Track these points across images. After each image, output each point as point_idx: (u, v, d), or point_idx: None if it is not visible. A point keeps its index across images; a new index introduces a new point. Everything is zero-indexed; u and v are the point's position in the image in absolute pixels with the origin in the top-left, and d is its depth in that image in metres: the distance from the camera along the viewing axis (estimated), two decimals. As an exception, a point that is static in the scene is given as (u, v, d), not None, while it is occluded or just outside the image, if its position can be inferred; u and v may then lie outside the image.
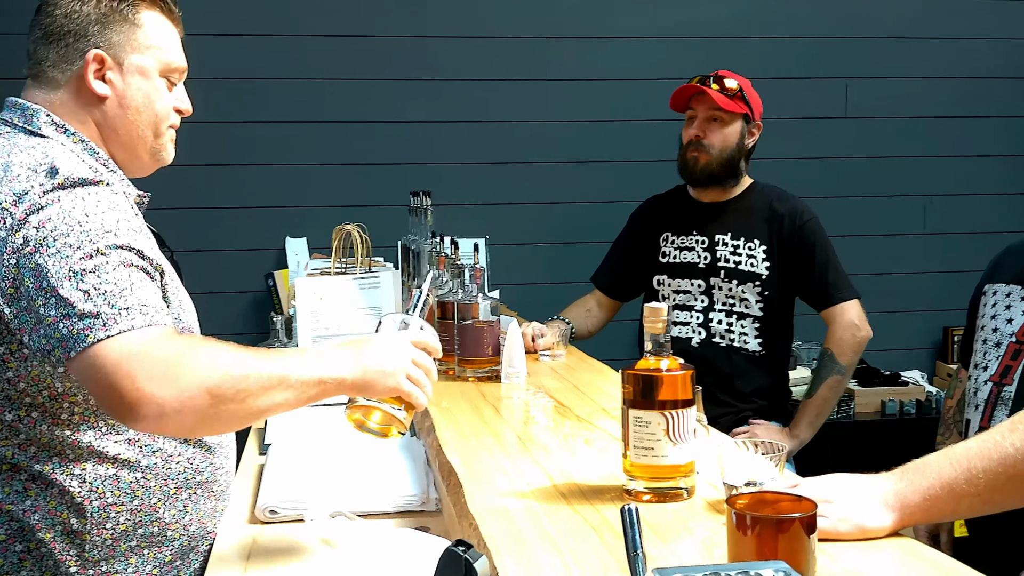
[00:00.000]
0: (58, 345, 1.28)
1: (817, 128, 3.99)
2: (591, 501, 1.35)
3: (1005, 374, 2.08)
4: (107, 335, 1.27)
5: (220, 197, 3.59)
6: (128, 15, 1.52)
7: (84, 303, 1.28)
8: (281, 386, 1.35)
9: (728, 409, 2.76)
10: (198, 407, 1.28)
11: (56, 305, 1.29)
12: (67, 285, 1.29)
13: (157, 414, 1.26)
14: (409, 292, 2.98)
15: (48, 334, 1.29)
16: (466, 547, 1.04)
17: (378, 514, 1.73)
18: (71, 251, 1.31)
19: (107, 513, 1.45)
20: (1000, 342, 2.13)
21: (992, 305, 2.19)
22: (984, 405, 2.11)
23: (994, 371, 2.11)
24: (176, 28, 1.60)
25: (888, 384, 3.86)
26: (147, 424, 1.28)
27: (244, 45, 3.65)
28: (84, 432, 1.44)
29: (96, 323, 1.27)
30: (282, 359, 1.39)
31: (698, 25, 3.89)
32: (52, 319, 1.29)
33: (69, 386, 1.42)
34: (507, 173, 3.83)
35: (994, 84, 4.07)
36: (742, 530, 0.98)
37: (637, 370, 1.34)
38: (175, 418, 1.27)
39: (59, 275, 1.30)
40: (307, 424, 2.33)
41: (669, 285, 2.85)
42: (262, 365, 1.35)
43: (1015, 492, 1.16)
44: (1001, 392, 2.08)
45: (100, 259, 1.32)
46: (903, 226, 4.08)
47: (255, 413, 1.35)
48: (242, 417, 1.35)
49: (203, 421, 1.31)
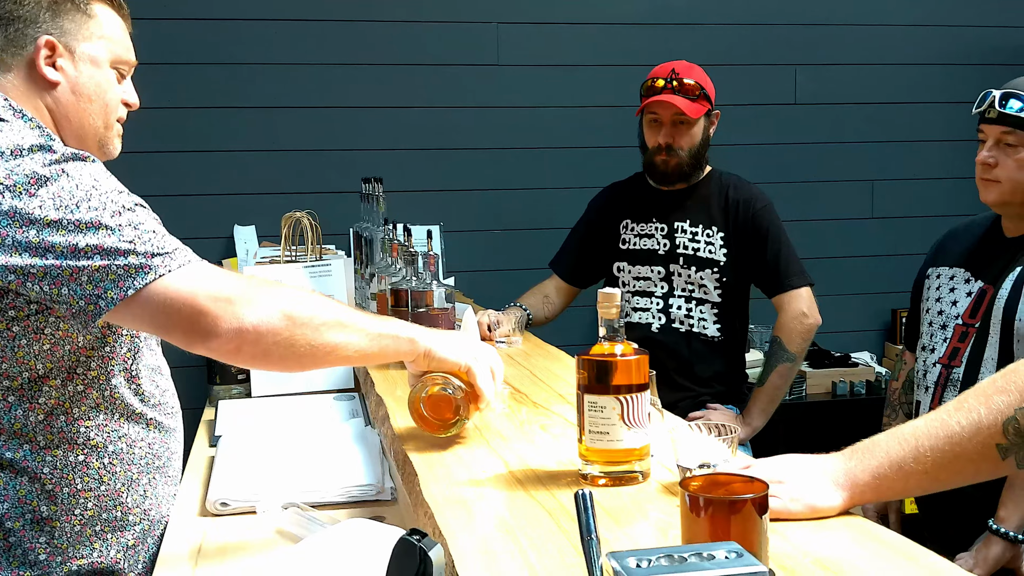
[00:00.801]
0: (112, 287, 1.30)
1: (767, 115, 4.02)
2: (547, 487, 1.35)
3: (953, 356, 2.12)
4: (175, 266, 1.33)
5: (165, 185, 3.52)
6: (80, 5, 1.54)
7: (133, 246, 1.32)
8: (353, 326, 1.43)
9: (687, 393, 2.79)
10: (275, 327, 1.34)
11: (102, 254, 1.31)
12: (109, 237, 1.32)
13: (236, 331, 1.32)
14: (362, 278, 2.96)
15: (95, 280, 1.31)
16: (420, 536, 1.03)
17: (332, 504, 1.72)
18: (98, 212, 1.33)
19: (76, 499, 1.46)
20: (946, 324, 2.16)
21: (936, 288, 2.23)
22: (934, 387, 2.15)
23: (942, 353, 2.15)
24: (125, 23, 1.62)
25: (839, 366, 3.92)
26: (223, 343, 1.32)
27: (188, 29, 3.59)
28: (58, 417, 1.45)
29: (155, 260, 1.32)
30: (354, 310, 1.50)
31: (651, 12, 3.90)
32: (98, 266, 1.31)
33: (51, 367, 1.42)
34: (461, 159, 3.82)
35: (938, 71, 4.14)
36: (695, 512, 0.99)
37: (592, 356, 1.34)
38: (252, 337, 1.33)
39: (97, 230, 1.32)
40: (258, 416, 2.31)
41: (629, 272, 2.87)
42: (334, 304, 1.45)
43: (961, 470, 1.18)
44: (950, 374, 2.11)
45: (128, 215, 1.35)
46: (852, 211, 4.13)
47: (327, 348, 1.40)
48: (315, 347, 1.39)
49: (277, 344, 1.35)
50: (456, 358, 1.54)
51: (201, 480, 1.89)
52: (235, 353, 1.37)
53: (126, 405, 1.51)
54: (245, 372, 2.54)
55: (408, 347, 1.51)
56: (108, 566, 1.49)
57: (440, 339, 1.55)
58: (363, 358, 1.50)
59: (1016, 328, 1.99)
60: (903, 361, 2.46)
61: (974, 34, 4.15)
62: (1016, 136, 2.04)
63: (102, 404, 1.48)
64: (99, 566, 1.49)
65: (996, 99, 2.06)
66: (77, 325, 1.42)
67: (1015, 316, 1.99)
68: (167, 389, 1.62)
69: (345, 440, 1.99)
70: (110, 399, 1.49)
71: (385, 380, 2.10)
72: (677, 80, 2.70)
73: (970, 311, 2.10)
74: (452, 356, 1.54)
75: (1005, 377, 1.18)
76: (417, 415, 1.56)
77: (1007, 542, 1.95)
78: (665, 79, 2.71)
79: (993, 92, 2.07)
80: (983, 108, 2.09)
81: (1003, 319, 2.01)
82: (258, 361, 1.41)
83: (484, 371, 1.56)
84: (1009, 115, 2.03)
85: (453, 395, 1.54)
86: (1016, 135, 2.04)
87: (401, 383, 2.06)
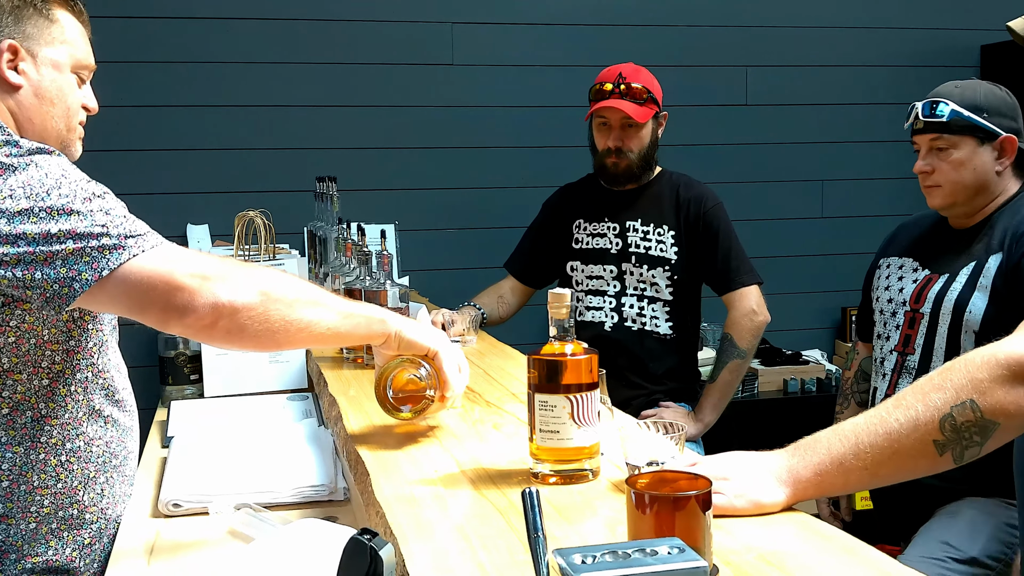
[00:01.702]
0: (86, 268, 1.31)
1: (719, 115, 4.07)
2: (498, 485, 1.37)
3: (907, 343, 2.19)
4: (148, 246, 1.35)
5: (117, 184, 3.38)
6: (42, 10, 1.55)
7: (106, 229, 1.33)
8: (325, 305, 1.46)
9: (640, 391, 2.82)
10: (250, 303, 1.37)
11: (75, 238, 1.32)
12: (81, 222, 1.33)
13: (212, 306, 1.34)
14: (316, 278, 2.96)
15: (69, 263, 1.31)
16: (371, 535, 1.04)
17: (285, 505, 1.72)
18: (68, 199, 1.34)
19: (33, 497, 1.46)
20: (896, 311, 2.24)
21: (886, 277, 2.31)
22: (890, 374, 2.22)
23: (897, 341, 2.21)
24: (85, 28, 1.63)
25: (790, 363, 3.98)
26: (199, 318, 1.34)
27: (140, 28, 3.56)
28: (23, 413, 1.45)
29: (128, 241, 1.34)
30: (326, 291, 1.53)
31: (603, 12, 3.93)
32: (72, 249, 1.31)
33: (16, 362, 1.42)
34: (415, 158, 3.82)
35: (885, 72, 4.21)
36: (641, 509, 1.01)
37: (542, 355, 1.36)
38: (228, 311, 1.35)
39: (69, 216, 1.33)
40: (211, 416, 2.30)
41: (582, 271, 2.89)
42: (307, 284, 1.49)
43: (900, 466, 1.21)
44: (905, 361, 2.18)
45: (99, 200, 1.37)
46: (802, 210, 4.19)
47: (300, 325, 1.42)
48: (289, 323, 1.41)
49: (252, 320, 1.37)
50: (425, 341, 1.56)
51: (153, 481, 1.88)
52: (210, 328, 1.37)
53: (90, 401, 1.52)
54: (197, 372, 2.53)
55: (379, 328, 1.54)
56: (63, 564, 1.49)
57: (410, 323, 1.58)
58: (335, 337, 1.52)
59: (965, 320, 2.06)
60: (856, 351, 2.52)
61: (920, 36, 4.23)
62: (945, 140, 2.13)
63: (68, 399, 1.48)
64: (54, 564, 1.48)
65: (920, 110, 2.16)
66: (49, 312, 1.42)
67: (966, 309, 2.06)
68: (126, 387, 1.63)
69: (298, 440, 1.99)
70: (75, 394, 1.49)
71: (338, 380, 2.10)
72: (624, 84, 2.73)
73: (915, 297, 2.18)
74: (421, 339, 1.56)
75: (942, 375, 1.22)
76: (381, 393, 1.57)
77: None
78: (613, 83, 2.74)
79: (917, 104, 2.17)
80: (911, 121, 2.17)
81: (954, 309, 2.08)
82: (233, 337, 1.41)
83: (451, 360, 1.57)
84: (935, 122, 2.13)
85: (421, 379, 1.56)
86: (944, 139, 2.13)
87: (355, 383, 2.07)
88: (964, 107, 2.11)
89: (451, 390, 1.57)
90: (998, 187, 2.16)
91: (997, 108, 2.13)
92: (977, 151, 2.12)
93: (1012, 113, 2.15)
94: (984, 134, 2.11)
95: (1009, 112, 2.15)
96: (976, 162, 2.12)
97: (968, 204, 2.16)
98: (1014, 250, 2.05)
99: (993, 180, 2.14)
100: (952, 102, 2.12)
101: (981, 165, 2.12)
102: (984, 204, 2.17)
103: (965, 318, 2.06)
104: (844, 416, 2.52)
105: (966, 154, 2.12)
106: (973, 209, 2.17)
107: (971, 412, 1.18)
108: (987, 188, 2.15)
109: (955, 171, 2.12)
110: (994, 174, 2.14)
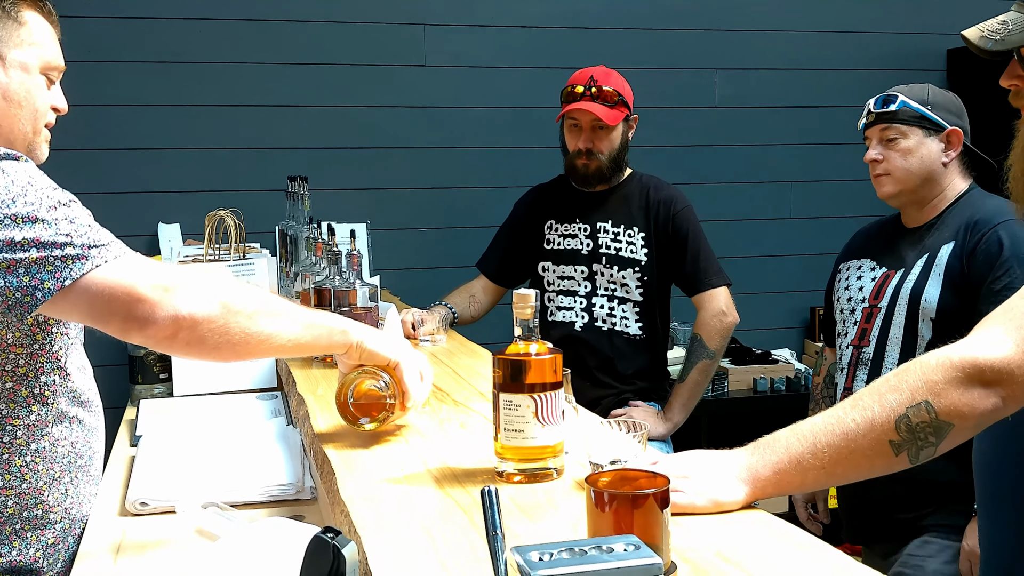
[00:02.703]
0: (49, 277, 1.31)
1: (688, 117, 4.10)
2: (463, 484, 1.38)
3: (862, 337, 2.24)
4: (111, 257, 1.35)
5: (89, 183, 3.41)
6: (11, 12, 1.54)
7: (69, 238, 1.33)
8: (287, 316, 1.47)
9: (610, 391, 2.84)
10: (211, 315, 1.37)
11: (39, 247, 1.32)
12: (45, 231, 1.33)
13: (173, 318, 1.34)
14: (287, 277, 2.96)
15: (32, 271, 1.31)
16: (335, 533, 1.05)
17: (252, 504, 1.73)
18: (34, 207, 1.34)
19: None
20: (855, 309, 2.29)
21: (846, 279, 2.36)
22: (847, 368, 2.26)
23: (853, 336, 2.26)
24: (54, 29, 1.62)
25: (759, 362, 4.01)
26: (160, 329, 1.34)
27: (110, 28, 3.54)
28: None
29: (92, 251, 1.34)
30: (288, 301, 1.55)
31: (575, 16, 3.95)
32: (36, 258, 1.32)
33: None
34: (388, 158, 3.83)
35: (852, 75, 4.25)
36: (600, 507, 1.02)
37: (507, 355, 1.37)
38: (188, 323, 1.35)
39: (33, 224, 1.32)
40: (180, 415, 2.30)
41: (553, 271, 2.91)
42: (269, 295, 1.51)
43: (857, 465, 1.23)
44: (860, 354, 2.23)
45: (64, 209, 1.37)
46: (771, 211, 4.23)
47: (261, 337, 1.43)
48: (249, 335, 1.41)
49: (212, 332, 1.37)
50: (386, 352, 1.56)
51: (122, 480, 1.88)
52: (171, 340, 1.38)
53: (55, 403, 1.52)
54: (167, 371, 2.53)
55: (341, 338, 1.54)
56: (27, 564, 1.49)
57: (372, 333, 1.58)
58: (296, 348, 1.52)
59: (921, 308, 2.13)
60: (824, 357, 2.56)
61: (887, 40, 4.28)
62: (894, 129, 2.22)
63: (32, 401, 1.48)
64: (18, 565, 1.48)
65: (872, 105, 2.26)
66: (11, 319, 1.42)
67: (921, 298, 2.12)
68: (92, 387, 1.63)
69: (266, 439, 1.99)
70: (40, 396, 1.49)
71: (307, 379, 2.10)
72: (596, 87, 2.75)
73: (874, 293, 2.24)
74: (382, 350, 1.56)
75: (898, 376, 1.24)
76: (342, 405, 1.58)
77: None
78: (584, 86, 2.76)
79: (870, 102, 2.28)
80: (864, 119, 2.25)
81: (910, 300, 2.15)
82: (193, 348, 1.41)
83: (412, 370, 1.58)
84: (885, 112, 2.22)
85: (381, 389, 1.56)
86: (894, 128, 2.22)
87: (323, 382, 2.07)
88: (913, 100, 2.21)
89: (411, 400, 1.58)
90: (945, 180, 2.22)
91: (944, 105, 2.23)
92: (924, 141, 2.20)
93: (958, 111, 2.24)
94: (931, 125, 2.20)
95: (955, 110, 2.24)
96: (923, 151, 2.19)
97: (915, 194, 2.23)
98: (968, 239, 2.11)
99: (940, 171, 2.21)
100: (902, 95, 2.22)
101: (928, 155, 2.20)
102: (932, 197, 2.23)
103: (921, 307, 2.13)
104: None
105: (914, 143, 2.20)
106: (921, 200, 2.24)
107: (926, 413, 1.20)
108: (934, 179, 2.21)
109: (903, 159, 2.20)
110: (940, 165, 2.21)
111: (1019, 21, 1.36)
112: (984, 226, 2.10)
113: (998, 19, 1.39)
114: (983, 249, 2.08)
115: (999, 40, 1.37)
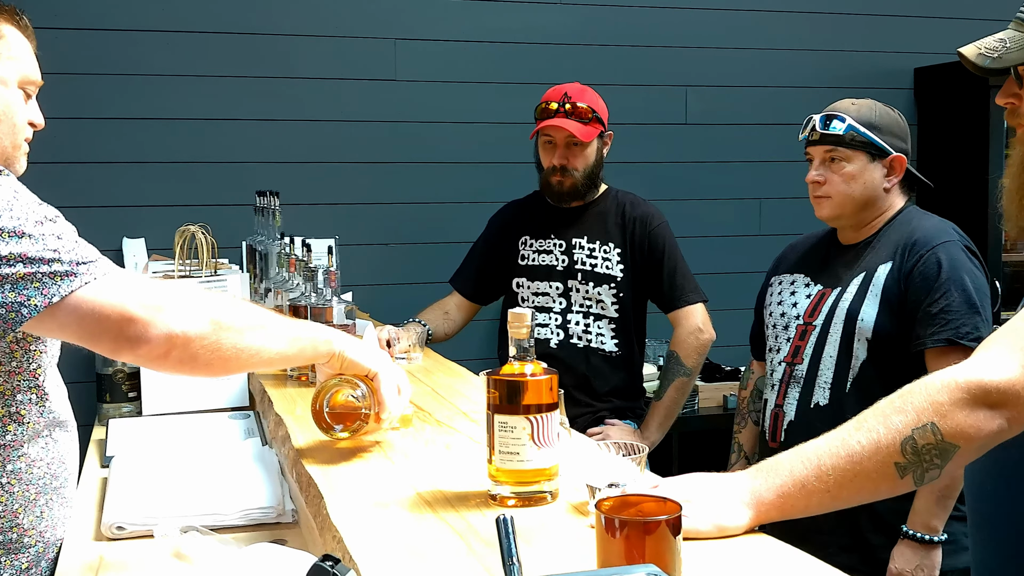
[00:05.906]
0: (36, 293, 1.28)
1: (659, 134, 4.10)
2: (456, 508, 1.35)
3: (796, 354, 2.24)
4: (100, 274, 1.33)
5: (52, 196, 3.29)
6: None
7: (57, 254, 1.31)
8: (274, 330, 1.48)
9: (586, 409, 2.82)
10: (203, 332, 1.37)
11: (25, 262, 1.29)
12: (32, 246, 1.30)
13: (166, 337, 1.33)
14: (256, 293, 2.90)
15: (19, 287, 1.28)
16: (334, 562, 1.02)
17: (232, 528, 1.68)
18: (20, 221, 1.31)
19: None
20: (788, 325, 2.29)
21: (778, 293, 2.36)
22: (779, 385, 2.26)
23: (786, 352, 2.26)
24: (31, 43, 1.59)
25: (730, 379, 4.01)
26: (152, 348, 1.33)
27: (77, 39, 3.47)
28: None
29: (80, 268, 1.31)
30: (272, 314, 1.56)
31: (546, 32, 3.94)
32: (23, 273, 1.29)
33: None
34: (357, 173, 3.78)
35: (820, 92, 4.25)
36: (611, 533, 1.00)
37: (502, 375, 1.35)
38: (181, 342, 1.35)
39: (20, 239, 1.30)
40: (151, 435, 2.24)
41: (528, 287, 2.89)
42: (255, 308, 1.52)
43: (862, 488, 1.21)
44: (793, 371, 2.23)
45: (51, 225, 1.35)
46: (741, 227, 4.24)
47: (251, 351, 1.44)
48: (240, 350, 1.41)
49: (205, 348, 1.37)
50: (366, 362, 1.59)
51: (95, 502, 1.82)
52: (163, 358, 1.37)
53: (31, 422, 1.48)
54: (136, 390, 2.46)
55: (326, 348, 1.57)
56: None
57: (354, 343, 1.60)
58: (283, 360, 1.55)
59: (857, 328, 2.13)
60: (751, 371, 2.56)
61: (855, 59, 4.32)
62: (839, 152, 2.21)
63: (8, 421, 1.44)
64: None
65: (817, 122, 2.24)
66: None
67: (857, 317, 2.12)
68: (66, 407, 1.59)
69: (244, 461, 1.94)
70: (16, 415, 1.46)
71: (283, 399, 2.06)
72: (570, 104, 2.74)
73: (810, 311, 2.24)
74: (362, 360, 1.58)
75: (902, 397, 1.23)
76: (317, 412, 1.59)
77: (918, 544, 2.04)
78: (558, 103, 2.75)
79: (814, 117, 2.27)
80: (807, 133, 2.24)
81: (846, 319, 2.14)
82: (185, 365, 1.41)
83: (390, 382, 1.60)
84: (831, 134, 2.21)
85: (358, 400, 1.58)
86: (838, 151, 2.21)
87: (300, 401, 2.03)
88: (860, 123, 2.20)
89: (387, 411, 1.59)
90: (884, 203, 2.24)
91: (890, 128, 2.22)
92: (868, 167, 2.20)
93: (903, 134, 2.25)
94: (876, 151, 2.20)
95: (900, 133, 2.24)
96: (866, 177, 2.19)
97: (854, 217, 2.24)
98: (906, 259, 2.12)
99: (880, 196, 2.22)
100: (849, 117, 2.21)
101: (871, 181, 2.20)
102: (870, 219, 2.24)
103: (857, 326, 2.13)
104: (742, 436, 2.56)
105: (858, 168, 2.19)
106: (859, 223, 2.25)
107: (932, 435, 1.19)
108: (874, 203, 2.22)
109: (846, 184, 2.20)
110: (882, 190, 2.22)
111: (1016, 39, 1.37)
112: (922, 247, 2.11)
113: (995, 37, 1.40)
114: (921, 271, 2.09)
115: (997, 58, 1.37)
